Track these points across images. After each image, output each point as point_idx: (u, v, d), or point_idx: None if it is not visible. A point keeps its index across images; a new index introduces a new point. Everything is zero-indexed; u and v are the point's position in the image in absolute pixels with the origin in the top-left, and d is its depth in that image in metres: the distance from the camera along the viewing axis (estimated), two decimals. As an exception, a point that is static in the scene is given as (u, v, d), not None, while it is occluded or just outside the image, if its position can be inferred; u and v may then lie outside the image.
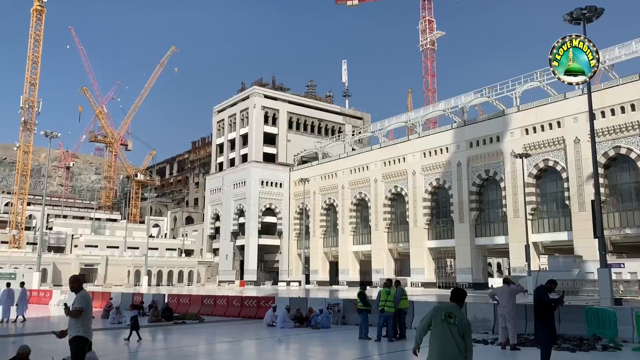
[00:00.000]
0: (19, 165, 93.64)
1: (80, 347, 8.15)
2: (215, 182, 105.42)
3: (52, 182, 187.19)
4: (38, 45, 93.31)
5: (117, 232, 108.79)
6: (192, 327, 21.48)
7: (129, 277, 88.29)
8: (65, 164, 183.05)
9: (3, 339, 18.24)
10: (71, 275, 8.87)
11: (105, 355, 13.61)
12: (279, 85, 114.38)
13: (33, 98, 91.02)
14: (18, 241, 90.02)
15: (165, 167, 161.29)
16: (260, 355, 15.49)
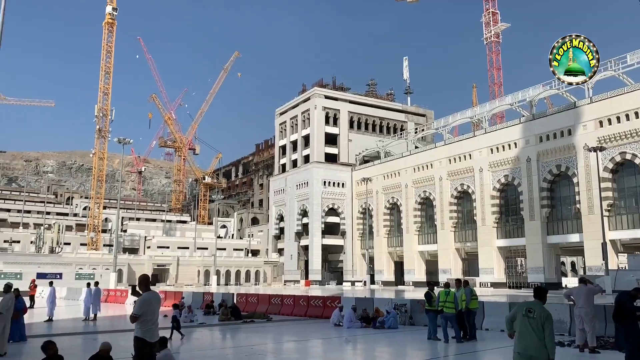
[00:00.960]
0: (95, 171, 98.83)
1: (139, 347, 8.39)
2: (279, 184, 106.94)
3: (125, 186, 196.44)
4: (110, 56, 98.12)
5: (187, 233, 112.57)
6: (260, 326, 21.82)
7: (199, 277, 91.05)
8: (138, 169, 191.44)
9: (84, 336, 19.23)
10: (140, 275, 9.05)
11: (177, 353, 14.06)
12: (340, 85, 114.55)
13: (106, 107, 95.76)
14: (96, 243, 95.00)
15: (231, 169, 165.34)
16: (328, 354, 15.48)
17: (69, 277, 61.75)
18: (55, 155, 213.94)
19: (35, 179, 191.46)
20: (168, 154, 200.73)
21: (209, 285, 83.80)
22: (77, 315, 25.09)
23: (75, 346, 15.93)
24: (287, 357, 14.97)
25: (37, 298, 35.02)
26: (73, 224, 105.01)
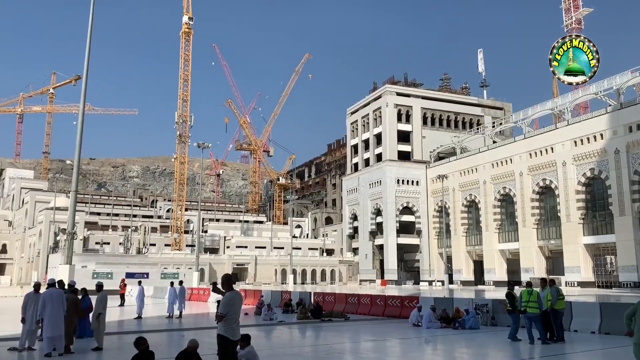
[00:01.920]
0: (177, 174, 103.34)
1: (222, 345, 8.57)
2: (351, 183, 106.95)
3: (205, 188, 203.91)
4: (188, 64, 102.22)
5: (264, 233, 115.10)
6: (338, 325, 21.86)
7: (276, 276, 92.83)
8: (216, 172, 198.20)
9: (169, 333, 20.08)
10: (223, 274, 9.28)
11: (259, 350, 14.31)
12: (412, 81, 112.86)
13: (186, 113, 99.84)
14: (179, 243, 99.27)
15: (304, 170, 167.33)
16: (406, 354, 15.24)
17: (155, 277, 64.89)
18: (140, 161, 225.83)
19: (122, 183, 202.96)
20: (244, 157, 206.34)
21: (286, 284, 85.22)
22: (163, 313, 26.23)
23: (163, 342, 16.65)
24: (366, 356, 14.88)
25: (127, 296, 37.01)
26: (157, 225, 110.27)
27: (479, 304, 21.90)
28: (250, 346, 10.13)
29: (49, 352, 12.92)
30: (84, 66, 29.70)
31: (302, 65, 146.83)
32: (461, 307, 21.22)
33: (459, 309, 21.10)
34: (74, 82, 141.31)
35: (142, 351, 9.13)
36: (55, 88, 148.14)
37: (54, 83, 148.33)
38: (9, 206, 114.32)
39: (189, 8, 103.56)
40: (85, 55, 29.80)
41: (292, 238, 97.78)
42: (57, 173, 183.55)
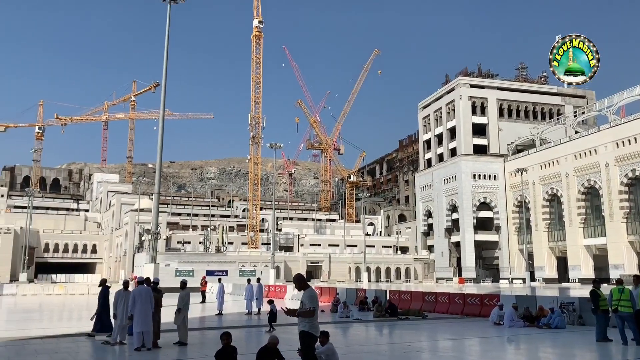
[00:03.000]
0: (251, 175, 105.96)
1: (306, 342, 8.58)
2: (425, 179, 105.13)
3: (278, 188, 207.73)
4: (259, 67, 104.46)
5: (336, 231, 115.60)
6: (415, 323, 21.56)
7: (350, 274, 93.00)
8: (288, 171, 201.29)
9: (248, 329, 20.59)
10: (295, 275, 9.21)
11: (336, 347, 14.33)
12: (486, 72, 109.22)
13: (258, 115, 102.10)
14: (255, 242, 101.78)
15: (375, 167, 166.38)
16: (487, 354, 14.76)
17: (233, 274, 66.86)
18: (216, 163, 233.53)
19: (200, 185, 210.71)
20: (315, 156, 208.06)
21: (360, 281, 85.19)
22: (242, 310, 26.92)
23: (243, 338, 17.09)
24: (445, 355, 14.56)
25: (208, 294, 38.36)
26: (234, 224, 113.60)
27: (564, 302, 20.89)
28: (330, 343, 10.19)
29: (138, 346, 13.62)
30: (163, 75, 31.07)
31: (371, 61, 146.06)
32: (545, 306, 20.34)
33: (542, 307, 20.23)
34: (153, 89, 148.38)
35: (225, 346, 9.42)
36: (136, 95, 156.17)
37: (135, 91, 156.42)
38: (98, 209, 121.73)
39: (259, 12, 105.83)
40: (163, 65, 31.18)
41: (365, 236, 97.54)
42: (140, 176, 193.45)
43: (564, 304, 20.59)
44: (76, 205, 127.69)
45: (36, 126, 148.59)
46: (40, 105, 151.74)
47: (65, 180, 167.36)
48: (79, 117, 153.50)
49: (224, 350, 9.36)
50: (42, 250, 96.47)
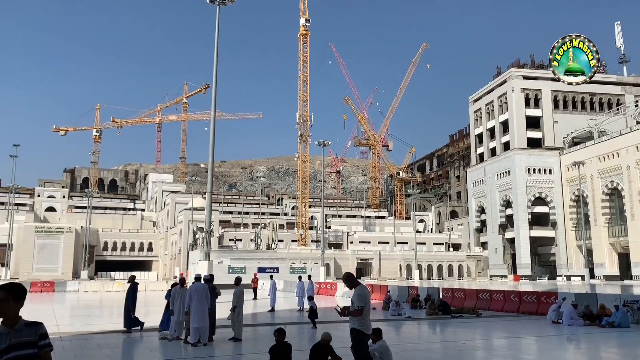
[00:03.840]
0: (300, 173, 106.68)
1: (357, 339, 8.54)
2: (477, 174, 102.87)
3: (326, 185, 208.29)
4: (306, 65, 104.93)
5: (386, 228, 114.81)
6: (469, 321, 21.14)
7: (401, 271, 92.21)
8: (336, 169, 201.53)
9: (300, 326, 20.71)
10: (344, 273, 9.13)
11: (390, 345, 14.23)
12: (539, 63, 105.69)
13: (306, 113, 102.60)
14: (304, 239, 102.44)
15: (425, 163, 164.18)
16: (545, 353, 14.29)
17: (284, 271, 67.57)
18: (265, 162, 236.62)
19: (250, 183, 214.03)
20: (363, 152, 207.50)
21: (412, 279, 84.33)
22: (294, 307, 27.14)
23: (295, 335, 17.21)
24: (501, 353, 14.18)
25: (259, 290, 38.88)
26: (284, 222, 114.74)
27: (627, 300, 19.96)
28: (382, 340, 10.11)
29: (195, 342, 13.94)
30: (213, 77, 31.66)
31: (419, 55, 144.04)
32: (607, 304, 19.51)
33: (604, 305, 19.42)
34: (203, 90, 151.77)
35: (279, 342, 9.51)
36: (188, 97, 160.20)
37: (187, 93, 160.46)
38: (153, 208, 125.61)
39: (306, 10, 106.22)
40: (213, 66, 31.78)
41: (416, 233, 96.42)
42: (193, 176, 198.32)
43: (628, 302, 19.68)
44: (133, 205, 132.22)
45: (94, 129, 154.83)
46: (98, 109, 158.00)
47: (122, 181, 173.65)
48: (134, 119, 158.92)
49: (278, 346, 9.45)
50: (101, 248, 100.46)
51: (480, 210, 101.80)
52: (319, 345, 9.48)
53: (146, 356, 12.96)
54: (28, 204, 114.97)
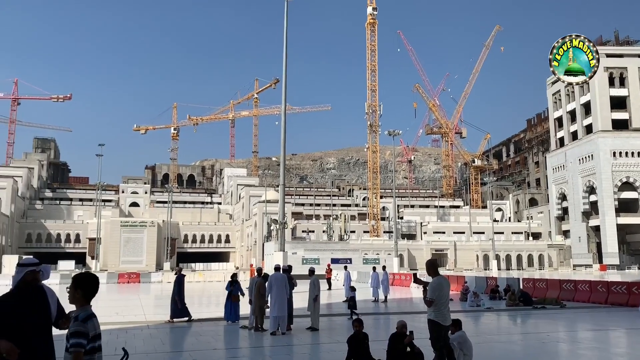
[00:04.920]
0: (370, 163, 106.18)
1: (433, 330, 8.49)
2: (557, 160, 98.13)
3: (397, 175, 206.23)
4: (374, 54, 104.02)
5: (461, 218, 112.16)
6: (552, 313, 20.29)
7: (478, 261, 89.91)
8: (408, 158, 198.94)
9: (376, 317, 20.69)
10: (427, 261, 9.13)
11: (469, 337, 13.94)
12: (624, 39, 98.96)
13: (375, 103, 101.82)
14: (376, 230, 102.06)
15: (501, 149, 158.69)
16: (637, 346, 13.45)
17: (357, 262, 67.63)
18: (335, 153, 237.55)
19: (321, 175, 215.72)
20: (435, 141, 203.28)
21: (489, 269, 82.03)
22: (369, 297, 27.16)
23: (371, 325, 17.20)
24: (587, 346, 13.48)
25: (333, 281, 39.21)
26: (355, 213, 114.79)
27: None
28: (462, 331, 9.91)
29: (274, 330, 14.27)
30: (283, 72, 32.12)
31: (492, 38, 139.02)
32: None
33: None
34: (273, 85, 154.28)
35: (357, 332, 9.54)
36: (259, 93, 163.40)
37: (257, 88, 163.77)
38: (229, 201, 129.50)
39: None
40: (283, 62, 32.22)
41: (493, 222, 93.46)
42: (265, 169, 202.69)
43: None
44: (210, 199, 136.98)
45: (172, 127, 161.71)
46: (174, 108, 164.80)
47: (199, 176, 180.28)
48: (208, 116, 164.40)
49: (356, 336, 9.48)
50: (182, 241, 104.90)
51: (562, 197, 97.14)
52: (397, 334, 9.43)
53: (229, 344, 13.42)
54: (114, 200, 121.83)
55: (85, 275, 4.34)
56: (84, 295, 4.21)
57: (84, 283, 4.24)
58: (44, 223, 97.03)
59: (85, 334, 4.02)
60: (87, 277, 4.30)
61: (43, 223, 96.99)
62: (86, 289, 4.23)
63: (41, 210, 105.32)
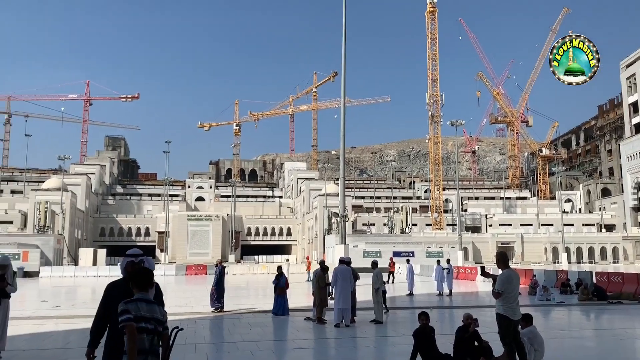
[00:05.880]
0: (431, 155, 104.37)
1: (502, 324, 8.36)
2: (632, 147, 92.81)
3: (461, 167, 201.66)
4: (435, 43, 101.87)
5: (528, 209, 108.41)
6: (629, 308, 19.28)
7: (546, 254, 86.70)
8: (471, 149, 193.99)
9: (440, 310, 20.37)
10: (497, 252, 8.97)
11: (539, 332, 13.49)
12: None
13: (436, 93, 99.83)
14: (439, 223, 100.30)
15: (570, 137, 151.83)
16: None
17: (419, 255, 66.81)
18: (395, 145, 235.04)
19: (381, 168, 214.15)
20: (499, 130, 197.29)
21: (559, 263, 78.90)
22: (432, 291, 26.81)
23: (436, 319, 16.95)
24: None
25: (396, 274, 38.95)
26: (417, 206, 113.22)
27: None
28: (532, 326, 9.60)
29: (337, 322, 14.34)
30: (342, 65, 32.05)
31: (559, 21, 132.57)
32: None
33: None
34: (332, 78, 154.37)
35: (424, 325, 9.42)
36: (317, 87, 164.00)
37: (316, 82, 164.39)
38: (290, 195, 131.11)
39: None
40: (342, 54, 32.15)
41: (562, 213, 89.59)
42: (325, 163, 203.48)
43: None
44: (271, 193, 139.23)
45: (233, 123, 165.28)
46: (236, 105, 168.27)
47: (260, 170, 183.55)
48: (268, 112, 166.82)
49: (422, 329, 9.36)
50: (245, 233, 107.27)
51: (637, 186, 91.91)
52: (463, 327, 9.24)
53: (294, 335, 13.60)
54: (180, 195, 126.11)
55: (135, 270, 5.12)
56: (136, 285, 4.86)
57: (131, 275, 5.03)
58: (115, 217, 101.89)
59: (125, 310, 4.56)
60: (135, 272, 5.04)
61: (115, 217, 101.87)
62: (135, 280, 4.90)
63: (113, 205, 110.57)
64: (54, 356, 11.20)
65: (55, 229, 75.87)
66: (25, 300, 24.69)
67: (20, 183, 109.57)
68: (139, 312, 4.59)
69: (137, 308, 4.60)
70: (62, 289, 35.55)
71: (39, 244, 62.24)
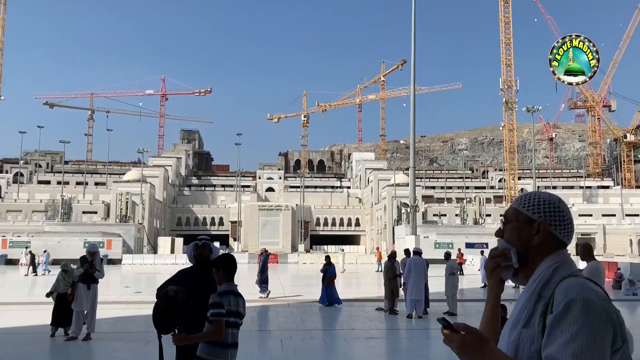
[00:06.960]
0: (506, 143, 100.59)
1: None
2: None
3: (537, 155, 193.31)
4: (508, 27, 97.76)
5: (611, 199, 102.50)
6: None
7: (632, 247, 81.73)
8: (548, 136, 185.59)
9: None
10: (582, 244, 8.59)
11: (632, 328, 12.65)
12: None
13: (510, 78, 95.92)
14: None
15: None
16: None
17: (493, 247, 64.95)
18: (467, 133, 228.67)
19: (452, 157, 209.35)
20: (579, 116, 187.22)
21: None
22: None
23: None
24: None
25: (468, 266, 38.01)
26: (490, 196, 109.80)
27: None
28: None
29: (410, 313, 14.15)
30: (412, 53, 31.43)
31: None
32: None
33: None
34: (400, 66, 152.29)
35: (501, 318, 9.09)
36: (385, 75, 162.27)
37: (384, 71, 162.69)
38: (358, 185, 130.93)
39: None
40: (411, 42, 31.53)
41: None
42: (394, 152, 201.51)
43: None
44: (339, 183, 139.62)
45: (302, 115, 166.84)
46: (304, 96, 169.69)
47: (328, 161, 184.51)
48: (336, 102, 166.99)
49: (499, 322, 9.04)
50: (314, 224, 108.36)
51: None
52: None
53: (365, 325, 13.56)
54: (251, 186, 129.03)
55: (223, 256, 4.72)
56: (225, 274, 4.56)
57: (223, 263, 4.60)
58: (191, 208, 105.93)
59: (220, 304, 4.36)
60: (225, 258, 4.67)
61: (191, 208, 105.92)
62: (226, 268, 4.57)
63: (189, 196, 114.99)
64: (137, 339, 11.77)
65: (136, 218, 79.84)
66: (110, 286, 26.20)
67: (103, 175, 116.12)
68: (230, 306, 4.45)
69: (229, 302, 4.44)
70: (143, 275, 37.43)
71: (121, 233, 65.75)
